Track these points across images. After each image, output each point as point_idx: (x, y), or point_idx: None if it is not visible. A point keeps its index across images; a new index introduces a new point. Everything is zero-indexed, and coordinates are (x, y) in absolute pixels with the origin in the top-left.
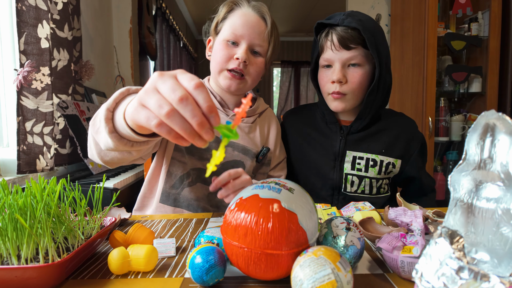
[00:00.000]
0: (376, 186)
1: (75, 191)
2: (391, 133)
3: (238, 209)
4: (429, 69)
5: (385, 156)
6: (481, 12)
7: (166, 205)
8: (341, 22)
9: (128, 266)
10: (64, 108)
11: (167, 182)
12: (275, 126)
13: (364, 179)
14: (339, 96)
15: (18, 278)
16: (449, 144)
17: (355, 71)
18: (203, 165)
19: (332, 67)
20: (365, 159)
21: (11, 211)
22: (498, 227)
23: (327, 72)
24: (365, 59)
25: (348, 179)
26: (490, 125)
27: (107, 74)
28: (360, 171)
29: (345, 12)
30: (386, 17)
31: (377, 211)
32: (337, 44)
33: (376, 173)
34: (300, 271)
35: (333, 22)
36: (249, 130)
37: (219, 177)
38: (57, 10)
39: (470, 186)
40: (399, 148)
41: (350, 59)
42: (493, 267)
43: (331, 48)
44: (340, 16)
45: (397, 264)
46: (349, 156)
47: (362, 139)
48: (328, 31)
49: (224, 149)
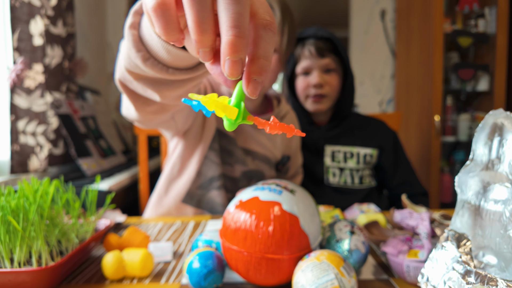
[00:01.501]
0: (358, 176)
1: (68, 192)
2: (363, 128)
3: (237, 211)
4: (436, 66)
5: (361, 147)
6: (488, 8)
7: (188, 206)
8: (315, 34)
9: (123, 271)
10: (57, 106)
11: (195, 182)
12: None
13: (344, 170)
14: (319, 99)
15: (11, 282)
16: (456, 143)
17: (331, 75)
18: (232, 173)
19: (310, 73)
20: (343, 152)
21: (4, 213)
22: (505, 230)
23: (306, 78)
24: (336, 64)
25: (329, 171)
26: (498, 125)
27: (102, 71)
28: (339, 163)
29: (313, 27)
30: (391, 12)
31: (382, 213)
32: (314, 53)
33: (355, 163)
34: (302, 277)
35: (307, 35)
36: (270, 136)
37: None
38: (51, 6)
39: (478, 187)
40: (373, 139)
41: (326, 65)
42: (500, 271)
43: (309, 57)
44: (312, 30)
45: (402, 268)
46: (327, 150)
47: (338, 134)
48: (304, 43)
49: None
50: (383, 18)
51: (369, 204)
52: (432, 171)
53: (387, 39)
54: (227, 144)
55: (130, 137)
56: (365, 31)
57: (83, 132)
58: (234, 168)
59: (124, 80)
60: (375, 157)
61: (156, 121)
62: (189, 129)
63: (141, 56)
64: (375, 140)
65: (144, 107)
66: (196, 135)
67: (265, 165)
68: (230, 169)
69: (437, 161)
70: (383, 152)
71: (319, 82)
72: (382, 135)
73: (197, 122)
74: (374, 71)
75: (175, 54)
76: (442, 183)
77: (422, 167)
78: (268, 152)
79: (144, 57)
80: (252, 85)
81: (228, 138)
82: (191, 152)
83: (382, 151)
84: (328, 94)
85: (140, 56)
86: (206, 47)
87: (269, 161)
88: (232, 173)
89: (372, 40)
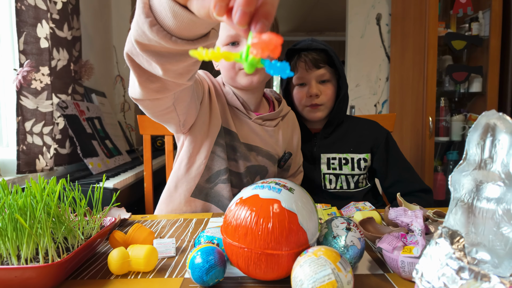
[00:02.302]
0: (353, 181)
1: (75, 191)
2: (356, 133)
3: (238, 209)
4: (430, 68)
5: (355, 153)
6: (481, 11)
7: (198, 199)
8: (309, 46)
9: (128, 266)
10: (63, 108)
11: (203, 176)
12: (298, 130)
13: (340, 176)
14: (316, 107)
15: (17, 278)
16: (450, 144)
17: (327, 86)
18: (236, 168)
19: (307, 84)
20: (338, 159)
21: (11, 211)
22: (498, 227)
23: (302, 89)
24: (331, 75)
25: (326, 178)
26: (491, 125)
27: (107, 73)
28: (335, 170)
29: (309, 39)
30: (387, 17)
31: (377, 211)
32: (310, 65)
33: (350, 169)
34: (300, 271)
35: (302, 46)
36: (272, 134)
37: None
38: (57, 9)
39: (471, 186)
40: (366, 144)
41: (321, 76)
42: (493, 267)
43: (305, 68)
44: (307, 42)
45: (397, 264)
46: (323, 158)
47: (332, 142)
48: (300, 54)
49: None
50: (378, 22)
51: (365, 202)
52: (426, 171)
53: (383, 42)
54: (231, 140)
55: (134, 137)
56: (361, 35)
57: (89, 133)
58: (238, 164)
59: (131, 54)
60: (369, 160)
61: (159, 107)
62: (195, 126)
63: (149, 22)
64: (368, 144)
65: (147, 83)
66: (202, 131)
67: (268, 161)
68: (234, 165)
69: (431, 160)
70: (375, 154)
71: (315, 93)
72: (375, 137)
73: (202, 119)
74: (370, 73)
75: (181, 19)
76: (436, 182)
77: (416, 166)
78: (270, 148)
79: (152, 22)
80: (260, 26)
81: (232, 134)
82: (198, 148)
83: (374, 154)
84: (324, 103)
85: (148, 22)
86: (223, 1)
87: (271, 157)
88: (237, 168)
89: (368, 43)
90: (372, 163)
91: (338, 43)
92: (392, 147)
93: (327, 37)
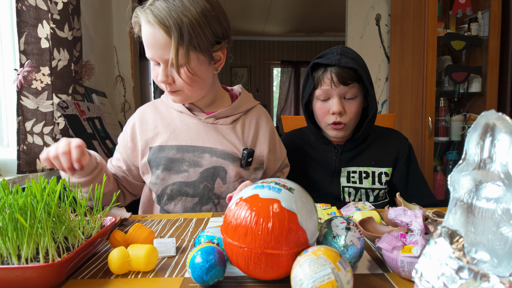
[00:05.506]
0: (373, 195)
1: (75, 191)
2: (378, 146)
3: (238, 209)
4: (429, 69)
5: (376, 167)
6: (481, 12)
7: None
8: (338, 63)
9: (128, 266)
10: (64, 108)
11: (159, 201)
12: (266, 124)
13: (360, 190)
14: (340, 126)
15: (18, 278)
16: (449, 144)
17: (352, 103)
18: (181, 178)
19: (330, 100)
20: (358, 172)
21: (11, 211)
22: (498, 227)
23: (325, 104)
24: (358, 91)
25: (345, 191)
26: (490, 125)
27: (107, 74)
28: (355, 183)
29: (337, 51)
30: (386, 17)
31: (377, 211)
32: (336, 82)
33: (370, 183)
34: (300, 271)
35: (330, 62)
36: (228, 131)
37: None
38: (57, 10)
39: (470, 186)
40: (388, 157)
41: (347, 93)
42: (493, 267)
43: (331, 85)
44: (335, 56)
45: (397, 263)
46: (344, 172)
47: (354, 156)
48: (326, 69)
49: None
50: (378, 22)
51: (364, 202)
52: (425, 170)
53: (382, 43)
54: (173, 155)
55: None
56: (361, 36)
57: (89, 133)
58: (189, 173)
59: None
60: (390, 174)
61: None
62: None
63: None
64: (390, 158)
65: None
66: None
67: (225, 160)
68: (186, 176)
69: (431, 160)
70: (396, 168)
71: (339, 110)
72: (397, 151)
73: (132, 169)
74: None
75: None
76: (436, 182)
77: None
78: (226, 147)
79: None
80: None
81: (170, 148)
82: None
83: (395, 168)
84: (347, 123)
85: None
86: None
87: (229, 156)
88: (188, 178)
89: (367, 44)
90: (392, 177)
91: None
92: (413, 162)
93: (326, 37)
